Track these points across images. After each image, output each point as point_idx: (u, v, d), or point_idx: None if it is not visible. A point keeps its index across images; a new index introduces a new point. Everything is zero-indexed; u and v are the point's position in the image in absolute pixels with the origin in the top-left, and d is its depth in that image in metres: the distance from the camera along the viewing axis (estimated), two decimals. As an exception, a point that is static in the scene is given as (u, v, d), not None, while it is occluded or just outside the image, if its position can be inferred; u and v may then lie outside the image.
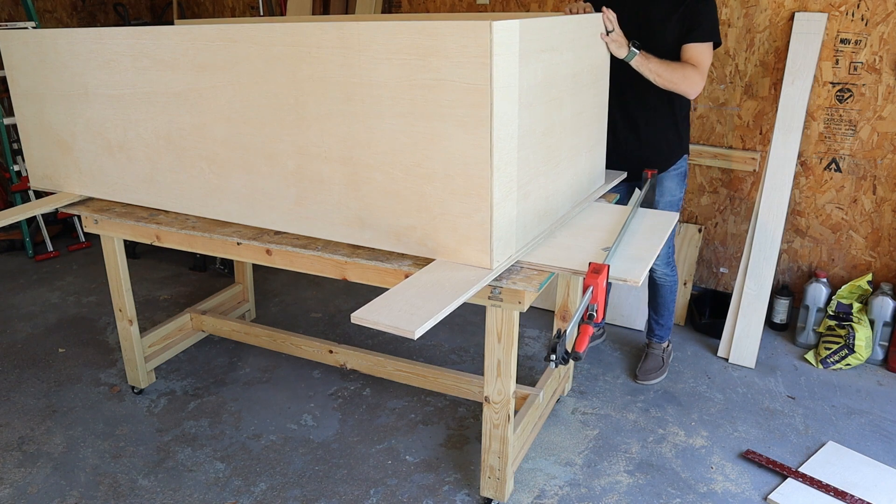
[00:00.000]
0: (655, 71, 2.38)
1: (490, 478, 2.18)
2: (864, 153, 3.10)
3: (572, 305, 2.63)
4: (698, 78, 2.44)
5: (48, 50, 2.37)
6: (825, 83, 3.09)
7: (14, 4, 4.59)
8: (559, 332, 1.67)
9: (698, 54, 2.45)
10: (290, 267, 2.19)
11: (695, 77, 2.43)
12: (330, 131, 1.91)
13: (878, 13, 2.91)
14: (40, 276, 4.09)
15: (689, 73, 2.43)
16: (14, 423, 2.68)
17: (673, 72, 2.40)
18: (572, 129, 2.14)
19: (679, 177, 2.73)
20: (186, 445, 2.54)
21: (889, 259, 3.17)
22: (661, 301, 2.94)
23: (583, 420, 2.68)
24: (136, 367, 2.82)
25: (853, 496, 2.21)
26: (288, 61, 1.90)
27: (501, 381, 2.02)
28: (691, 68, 2.44)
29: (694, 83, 2.44)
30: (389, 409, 2.75)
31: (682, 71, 2.42)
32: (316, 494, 2.29)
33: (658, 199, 2.69)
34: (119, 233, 2.52)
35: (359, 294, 3.81)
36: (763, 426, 2.63)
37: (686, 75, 2.42)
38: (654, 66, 2.37)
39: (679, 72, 2.41)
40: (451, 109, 1.69)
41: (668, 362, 3.04)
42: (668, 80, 2.40)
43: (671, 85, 2.41)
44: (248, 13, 4.78)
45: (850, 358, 2.98)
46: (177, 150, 2.24)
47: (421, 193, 1.82)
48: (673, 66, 2.41)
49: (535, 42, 1.79)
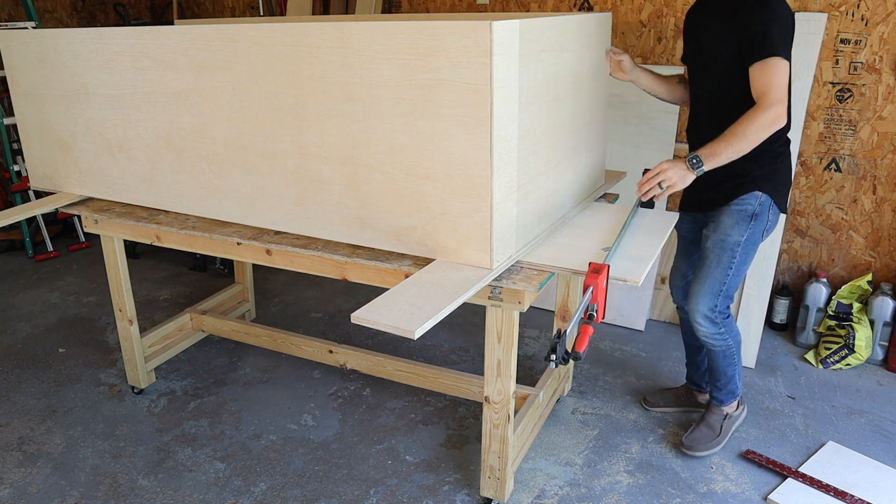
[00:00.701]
0: (729, 153, 1.98)
1: (490, 478, 2.18)
2: (864, 153, 3.10)
3: (572, 305, 2.63)
4: (770, 113, 1.94)
5: (48, 50, 2.37)
6: (825, 83, 3.09)
7: (14, 4, 4.59)
8: (559, 332, 1.67)
9: (762, 77, 1.97)
10: (290, 267, 2.19)
11: (764, 116, 1.94)
12: (330, 131, 1.91)
13: (878, 13, 2.91)
14: (40, 276, 4.09)
15: (757, 118, 1.94)
16: (14, 423, 2.68)
17: (743, 134, 1.96)
18: (572, 128, 2.15)
19: (740, 215, 2.19)
20: (186, 445, 2.54)
21: (889, 259, 3.17)
22: (714, 366, 2.44)
23: (583, 420, 2.68)
24: (136, 367, 2.82)
25: (853, 496, 2.21)
26: (288, 61, 1.90)
27: (501, 381, 2.02)
28: (757, 111, 1.95)
29: (768, 122, 1.95)
30: (389, 409, 2.75)
31: (747, 125, 1.95)
32: (316, 494, 2.29)
33: (708, 234, 2.27)
34: (119, 233, 2.52)
35: (359, 294, 3.81)
36: (763, 426, 2.63)
37: (755, 123, 1.94)
38: (723, 150, 1.97)
39: (747, 127, 1.95)
40: (451, 109, 1.69)
41: (728, 430, 2.52)
42: (746, 143, 1.97)
43: (753, 144, 1.97)
44: (248, 13, 4.78)
45: (850, 358, 2.98)
46: (177, 150, 2.24)
47: (421, 193, 1.82)
48: (736, 128, 1.97)
49: (535, 42, 1.79)
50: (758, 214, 2.19)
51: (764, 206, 2.19)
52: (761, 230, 2.23)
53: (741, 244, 2.21)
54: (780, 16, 2.00)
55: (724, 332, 2.32)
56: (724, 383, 2.47)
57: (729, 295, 2.28)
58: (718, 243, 2.23)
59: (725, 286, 2.25)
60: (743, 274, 2.27)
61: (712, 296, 2.26)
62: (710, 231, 2.26)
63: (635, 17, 3.39)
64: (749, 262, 2.27)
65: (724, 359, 2.40)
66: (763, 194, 2.18)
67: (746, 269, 2.29)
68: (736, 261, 2.22)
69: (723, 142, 1.98)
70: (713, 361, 2.43)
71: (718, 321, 2.29)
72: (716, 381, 2.49)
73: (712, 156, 1.98)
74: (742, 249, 2.22)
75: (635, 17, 3.39)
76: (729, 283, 2.25)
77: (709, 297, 2.26)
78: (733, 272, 2.23)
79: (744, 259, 2.24)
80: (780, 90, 1.97)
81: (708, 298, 2.26)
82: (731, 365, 2.43)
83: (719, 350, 2.37)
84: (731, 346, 2.38)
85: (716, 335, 2.32)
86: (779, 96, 1.96)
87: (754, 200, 2.18)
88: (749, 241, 2.22)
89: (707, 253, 2.27)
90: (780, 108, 1.96)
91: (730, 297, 2.29)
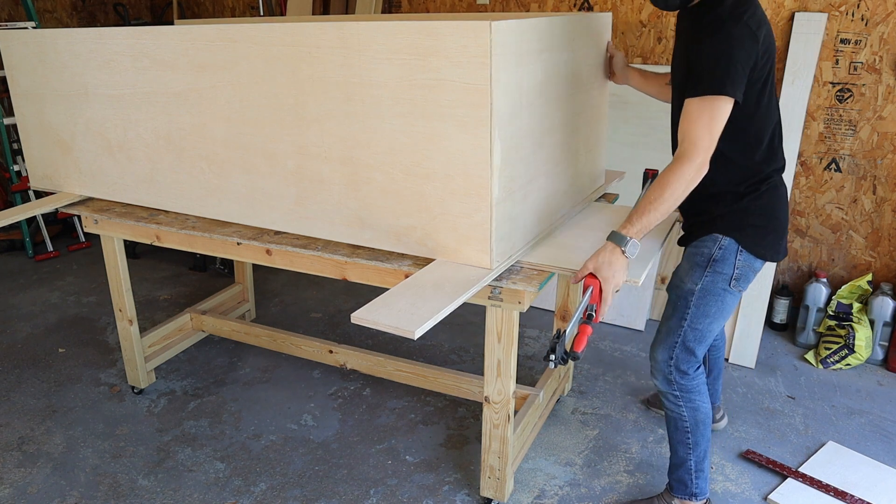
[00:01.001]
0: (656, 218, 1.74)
1: (490, 478, 2.18)
2: (864, 153, 3.10)
3: (572, 305, 2.63)
4: (692, 166, 1.68)
5: (48, 50, 2.37)
6: (825, 83, 3.09)
7: (14, 4, 4.59)
8: (558, 332, 1.67)
9: (692, 117, 1.69)
10: (290, 267, 2.19)
11: (686, 170, 1.69)
12: (330, 131, 1.91)
13: (878, 13, 2.91)
14: (40, 276, 4.09)
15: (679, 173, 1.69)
16: (14, 423, 2.68)
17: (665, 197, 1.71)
18: (573, 128, 2.15)
19: (695, 259, 1.93)
20: (186, 445, 2.54)
21: (889, 259, 3.17)
22: (668, 436, 2.13)
23: (583, 420, 2.68)
24: (136, 367, 2.82)
25: (853, 496, 2.21)
26: (288, 61, 1.90)
27: (501, 381, 2.02)
28: (678, 163, 1.70)
29: (690, 177, 1.69)
30: (389, 409, 2.75)
31: (668, 183, 1.70)
32: (316, 494, 2.29)
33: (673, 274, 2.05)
34: (119, 233, 2.52)
35: (359, 294, 3.81)
36: (763, 426, 2.63)
37: (678, 179, 1.69)
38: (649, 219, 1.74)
39: (668, 186, 1.70)
40: (450, 109, 1.69)
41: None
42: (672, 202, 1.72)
43: (680, 199, 1.73)
44: (248, 13, 4.78)
45: (850, 358, 2.98)
46: (177, 150, 2.24)
47: (421, 193, 1.82)
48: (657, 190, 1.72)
49: (534, 42, 1.79)
50: (717, 260, 1.89)
51: (727, 252, 1.88)
52: (726, 279, 1.89)
53: (695, 293, 1.92)
54: (736, 43, 1.67)
55: (678, 396, 2.01)
56: (675, 464, 2.11)
57: (688, 348, 1.96)
58: (674, 289, 2.00)
59: (681, 338, 1.96)
60: (706, 328, 1.95)
61: (668, 347, 1.99)
62: (674, 273, 2.05)
63: (635, 17, 3.39)
64: (713, 315, 1.93)
65: (675, 431, 2.07)
66: (724, 237, 1.88)
67: (711, 323, 1.95)
68: (690, 312, 1.93)
69: (647, 212, 1.73)
70: (667, 429, 2.12)
71: (673, 379, 1.99)
72: (670, 456, 2.14)
73: (642, 230, 1.75)
74: (697, 299, 1.92)
75: (635, 17, 3.39)
76: (685, 335, 1.95)
77: (664, 348, 2.00)
78: (688, 323, 1.94)
79: (703, 311, 1.92)
80: (709, 136, 1.68)
81: (663, 349, 2.00)
82: (683, 445, 2.06)
83: (671, 417, 2.06)
84: (684, 420, 2.03)
85: (668, 395, 2.03)
86: (706, 144, 1.68)
87: (712, 244, 1.90)
88: (707, 291, 1.91)
89: (668, 297, 2.05)
90: (705, 157, 1.69)
91: (690, 352, 1.97)
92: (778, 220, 1.94)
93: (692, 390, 2.01)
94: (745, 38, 1.68)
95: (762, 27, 1.73)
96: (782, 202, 1.95)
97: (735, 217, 1.89)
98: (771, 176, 1.91)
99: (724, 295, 1.92)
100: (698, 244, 1.93)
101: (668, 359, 1.99)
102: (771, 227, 1.92)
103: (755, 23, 1.71)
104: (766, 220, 1.91)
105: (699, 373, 2.02)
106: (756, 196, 1.89)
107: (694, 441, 2.04)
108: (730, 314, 1.99)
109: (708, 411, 2.05)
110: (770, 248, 1.93)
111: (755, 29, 1.70)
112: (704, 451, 2.07)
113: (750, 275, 1.93)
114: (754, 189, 1.88)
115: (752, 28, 1.69)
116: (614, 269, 1.71)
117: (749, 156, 1.85)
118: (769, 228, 1.92)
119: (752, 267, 1.92)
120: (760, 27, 1.72)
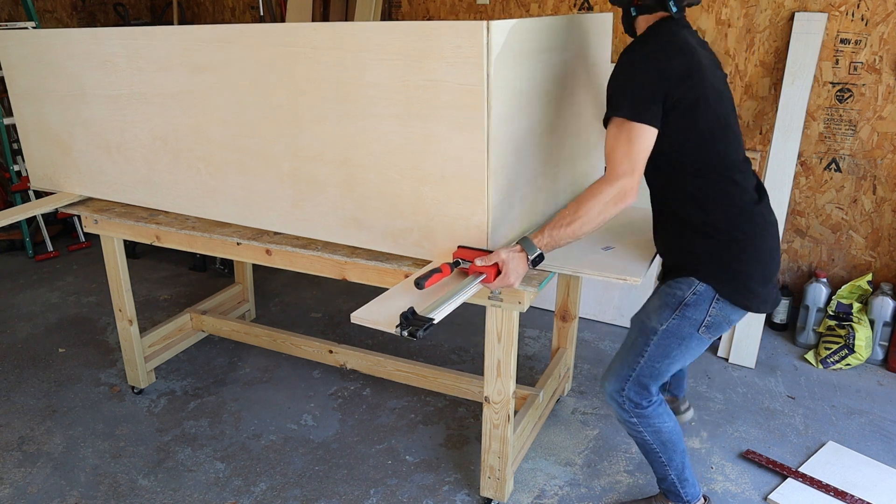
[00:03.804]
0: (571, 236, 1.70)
1: (490, 478, 2.18)
2: (864, 153, 3.09)
3: (572, 305, 2.64)
4: (614, 188, 1.65)
5: (45, 51, 2.38)
6: (825, 83, 3.09)
7: (14, 4, 4.60)
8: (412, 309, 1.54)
9: (610, 140, 1.69)
10: (290, 267, 2.19)
11: (608, 192, 1.65)
12: (325, 133, 1.91)
13: (878, 13, 2.91)
14: (40, 276, 4.09)
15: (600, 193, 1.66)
16: (14, 423, 2.68)
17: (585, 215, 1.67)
18: (572, 129, 2.14)
19: (666, 298, 1.83)
20: (186, 445, 2.54)
21: (889, 259, 3.17)
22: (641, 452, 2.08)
23: (583, 420, 2.68)
24: (136, 367, 2.82)
25: (853, 496, 2.21)
26: (282, 62, 1.90)
27: (501, 381, 2.02)
28: (601, 184, 1.67)
29: (611, 200, 1.65)
30: (389, 409, 2.75)
31: (589, 203, 1.67)
32: (316, 494, 2.29)
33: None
34: (119, 233, 2.52)
35: (359, 294, 3.81)
36: (763, 426, 2.62)
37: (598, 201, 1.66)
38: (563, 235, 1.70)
39: (590, 206, 1.66)
40: (446, 111, 1.68)
41: None
42: (591, 225, 1.68)
43: (600, 223, 1.69)
44: (248, 13, 4.78)
45: (850, 358, 2.97)
46: (173, 152, 2.24)
47: (417, 195, 1.82)
48: (579, 207, 1.68)
49: (532, 42, 1.79)
50: (689, 304, 1.78)
51: (701, 298, 1.77)
52: (695, 324, 1.79)
53: (658, 333, 1.82)
54: (647, 65, 1.66)
55: (635, 423, 1.94)
56: (659, 479, 2.09)
57: (642, 384, 1.89)
58: (637, 322, 1.91)
59: (635, 373, 1.87)
60: (664, 368, 1.86)
61: (620, 379, 1.91)
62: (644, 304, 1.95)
63: (635, 17, 3.38)
64: (673, 357, 1.84)
65: (646, 453, 2.03)
66: (700, 284, 1.76)
67: (670, 364, 1.85)
68: (650, 350, 1.84)
69: (560, 226, 1.69)
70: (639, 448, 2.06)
71: (628, 409, 1.92)
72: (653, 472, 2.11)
73: (551, 245, 1.70)
74: (659, 339, 1.82)
75: (635, 16, 3.38)
76: (640, 371, 1.87)
77: (616, 379, 1.92)
78: (645, 361, 1.85)
79: (662, 352, 1.83)
80: (628, 160, 1.64)
81: (615, 380, 1.92)
82: (658, 464, 2.03)
83: (636, 441, 2.01)
84: (648, 442, 1.97)
85: (626, 422, 1.96)
86: (626, 168, 1.64)
87: (687, 288, 1.78)
88: (671, 333, 1.81)
89: (630, 326, 1.96)
90: (626, 182, 1.64)
91: (644, 388, 1.89)
92: (767, 268, 1.80)
93: (650, 415, 1.93)
94: (660, 62, 1.66)
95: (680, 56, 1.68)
96: (774, 251, 1.81)
97: (717, 261, 1.76)
98: (756, 210, 1.78)
99: (690, 340, 1.82)
100: (673, 284, 1.82)
101: (620, 390, 1.91)
102: (757, 276, 1.78)
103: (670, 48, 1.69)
104: (752, 267, 1.77)
105: (654, 400, 1.93)
106: (742, 242, 1.76)
107: (667, 458, 2.00)
108: (693, 358, 1.89)
109: (672, 428, 1.97)
110: (755, 299, 1.79)
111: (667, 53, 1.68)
112: (681, 462, 2.02)
113: (724, 325, 1.82)
114: (742, 233, 1.75)
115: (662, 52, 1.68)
116: (516, 274, 1.67)
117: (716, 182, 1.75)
118: (755, 278, 1.78)
119: (728, 318, 1.80)
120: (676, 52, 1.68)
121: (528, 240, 1.71)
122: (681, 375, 2.42)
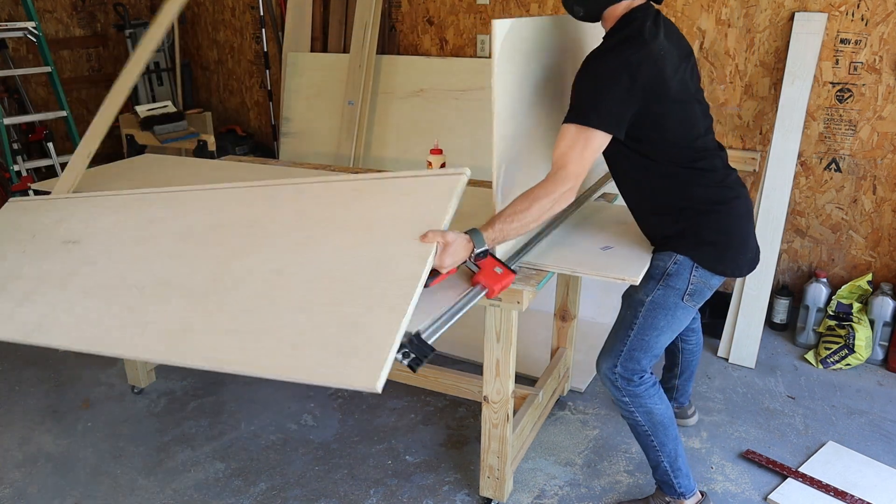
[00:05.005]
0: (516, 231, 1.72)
1: (489, 477, 2.18)
2: (864, 153, 3.09)
3: (572, 305, 2.64)
4: (556, 191, 1.71)
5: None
6: (825, 83, 3.09)
7: (14, 4, 4.60)
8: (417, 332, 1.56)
9: (559, 143, 1.74)
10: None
11: (552, 193, 1.71)
12: None
13: (878, 13, 2.91)
14: (40, 276, 4.08)
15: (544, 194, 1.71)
16: (14, 423, 2.68)
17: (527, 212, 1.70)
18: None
19: (651, 271, 1.92)
20: (186, 445, 2.54)
21: (889, 259, 3.17)
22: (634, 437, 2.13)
23: (583, 420, 2.68)
24: (136, 367, 2.82)
25: (853, 496, 2.21)
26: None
27: (500, 381, 2.02)
28: (545, 184, 1.73)
29: (552, 201, 1.71)
30: (389, 409, 2.75)
31: (532, 202, 1.71)
32: (316, 494, 2.29)
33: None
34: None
35: (359, 294, 3.80)
36: (763, 426, 2.63)
37: (540, 201, 1.70)
38: (509, 230, 1.71)
39: (531, 205, 1.70)
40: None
41: None
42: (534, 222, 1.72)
43: (542, 220, 1.74)
44: (247, 13, 4.78)
45: (850, 358, 2.98)
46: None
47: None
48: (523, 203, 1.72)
49: (534, 41, 1.79)
50: (671, 274, 1.89)
51: (681, 267, 1.88)
52: (679, 293, 1.90)
53: (645, 304, 1.92)
54: (619, 76, 1.68)
55: (627, 402, 1.99)
56: (653, 467, 2.11)
57: (633, 357, 1.96)
58: (626, 298, 2.02)
59: (626, 347, 1.95)
60: (653, 340, 1.95)
61: (612, 355, 1.98)
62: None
63: (635, 17, 3.38)
64: (661, 328, 1.93)
65: (637, 436, 2.06)
66: (679, 255, 1.88)
67: (659, 336, 1.94)
68: (638, 322, 1.93)
69: (509, 220, 1.70)
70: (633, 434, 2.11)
71: (620, 386, 1.98)
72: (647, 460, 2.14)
73: (498, 239, 1.72)
74: (646, 310, 1.92)
75: (635, 16, 3.38)
76: (630, 344, 1.95)
77: (609, 356, 1.99)
78: (635, 333, 1.94)
79: (650, 323, 1.92)
80: (581, 163, 1.70)
81: (607, 357, 2.00)
82: (650, 448, 2.05)
83: (629, 423, 2.06)
84: (641, 425, 2.01)
85: (619, 401, 2.02)
86: (579, 170, 1.70)
87: (668, 258, 1.90)
88: (657, 304, 1.91)
89: (621, 305, 2.06)
90: (575, 183, 1.71)
91: (635, 361, 1.96)
92: (735, 237, 1.91)
93: (642, 395, 1.98)
94: (622, 70, 1.68)
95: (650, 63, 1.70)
96: (742, 219, 1.93)
97: (694, 234, 1.88)
98: (736, 191, 1.91)
99: (675, 309, 1.92)
100: (655, 257, 1.93)
101: (613, 367, 1.98)
102: (729, 244, 1.90)
103: (640, 58, 1.69)
104: (723, 237, 1.89)
105: (646, 379, 1.99)
106: (718, 214, 1.88)
107: (659, 442, 2.02)
108: (680, 328, 1.97)
109: (664, 412, 2.01)
110: (730, 264, 1.92)
111: (637, 65, 1.69)
112: (674, 450, 2.04)
113: (706, 291, 1.92)
114: (719, 207, 1.88)
115: (633, 64, 1.69)
116: (452, 259, 1.65)
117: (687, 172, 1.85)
118: (727, 245, 1.90)
119: (709, 283, 1.91)
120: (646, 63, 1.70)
121: (479, 232, 1.69)
122: (687, 386, 2.45)
